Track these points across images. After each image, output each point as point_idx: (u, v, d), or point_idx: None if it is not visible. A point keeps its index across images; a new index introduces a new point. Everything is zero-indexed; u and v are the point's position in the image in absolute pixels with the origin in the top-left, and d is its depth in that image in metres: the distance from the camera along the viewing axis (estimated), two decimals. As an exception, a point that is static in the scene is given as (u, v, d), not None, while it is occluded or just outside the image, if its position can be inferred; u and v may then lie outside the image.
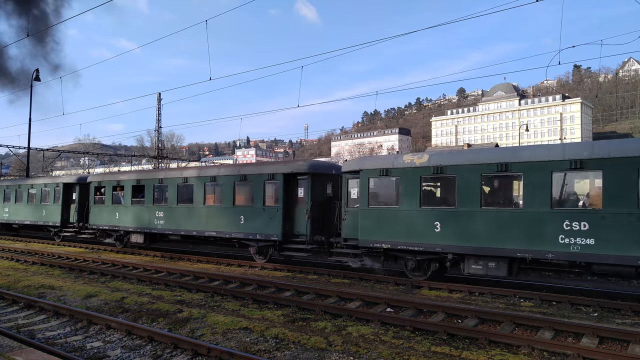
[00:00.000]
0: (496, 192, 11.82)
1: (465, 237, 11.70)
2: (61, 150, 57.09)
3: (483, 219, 11.48)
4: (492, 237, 11.35)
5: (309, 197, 15.11)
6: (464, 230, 11.71)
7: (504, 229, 11.17)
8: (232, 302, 10.48)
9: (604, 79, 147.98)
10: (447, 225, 11.98)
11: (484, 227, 11.44)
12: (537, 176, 10.81)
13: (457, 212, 11.83)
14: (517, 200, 11.39)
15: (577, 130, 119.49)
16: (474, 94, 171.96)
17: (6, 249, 21.37)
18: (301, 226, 15.35)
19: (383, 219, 13.06)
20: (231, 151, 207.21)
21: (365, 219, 13.33)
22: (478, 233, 11.53)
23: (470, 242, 11.61)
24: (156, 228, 18.97)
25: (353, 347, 7.18)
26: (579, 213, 10.36)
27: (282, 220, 15.27)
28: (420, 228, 12.34)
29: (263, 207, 15.82)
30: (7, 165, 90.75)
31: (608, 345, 7.47)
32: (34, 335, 8.21)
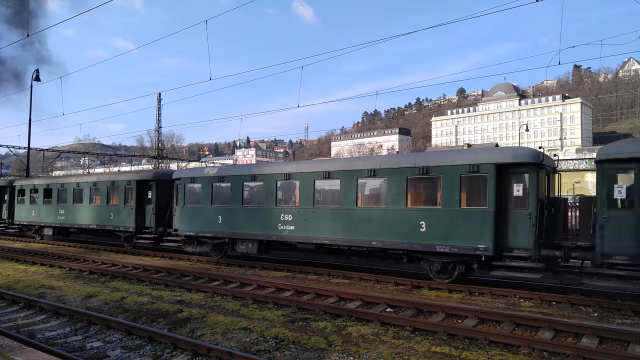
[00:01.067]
0: (251, 195, 16.44)
1: (235, 226, 16.33)
2: (61, 150, 57.14)
3: (244, 213, 16.18)
4: (249, 227, 15.97)
5: (154, 198, 19.65)
6: (234, 221, 16.38)
7: (255, 220, 15.84)
8: (232, 302, 10.49)
9: (604, 79, 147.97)
10: (225, 218, 16.65)
11: (244, 220, 16.10)
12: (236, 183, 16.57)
13: (230, 209, 16.53)
14: (260, 199, 15.91)
15: (577, 131, 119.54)
16: (474, 94, 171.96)
17: (6, 249, 21.37)
18: (150, 221, 19.92)
19: (193, 214, 17.59)
20: (231, 151, 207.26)
21: (182, 215, 17.93)
22: (241, 223, 16.15)
23: (237, 229, 16.28)
24: (59, 222, 24.29)
25: (353, 347, 7.18)
26: None
27: (135, 215, 20.07)
28: (211, 220, 16.95)
29: (124, 206, 20.66)
30: (7, 165, 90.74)
31: (608, 345, 7.47)
32: (34, 335, 8.21)
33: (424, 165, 12.46)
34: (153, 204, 19.60)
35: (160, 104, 53.74)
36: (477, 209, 11.54)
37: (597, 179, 10.52)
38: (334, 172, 14.05)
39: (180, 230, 17.87)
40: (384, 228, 12.83)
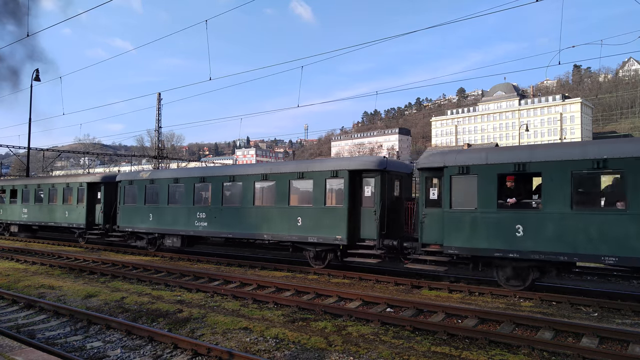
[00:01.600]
0: (175, 195, 18.53)
1: (162, 223, 18.84)
2: (61, 150, 57.11)
3: (169, 212, 18.57)
4: (173, 223, 18.44)
5: (103, 198, 22.05)
6: (162, 219, 18.84)
7: (178, 218, 18.25)
8: (232, 302, 10.49)
9: (604, 79, 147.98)
10: (155, 215, 19.10)
11: (170, 217, 18.57)
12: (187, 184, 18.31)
13: (159, 208, 18.95)
14: (182, 199, 18.24)
15: (577, 131, 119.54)
16: (474, 94, 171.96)
17: (6, 249, 21.38)
18: (99, 218, 22.27)
19: (131, 212, 19.97)
20: (231, 151, 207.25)
21: (123, 213, 20.28)
22: (168, 221, 18.65)
23: (164, 226, 18.76)
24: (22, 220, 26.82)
25: (353, 347, 7.18)
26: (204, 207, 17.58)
27: (86, 214, 22.37)
28: (144, 218, 19.41)
29: (77, 205, 22.80)
30: (7, 165, 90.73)
31: (608, 345, 7.47)
32: (34, 335, 8.21)
33: (301, 170, 14.98)
34: (101, 204, 22.24)
35: (160, 104, 53.73)
36: (336, 206, 14.10)
37: (419, 183, 12.87)
38: (237, 176, 16.70)
39: (121, 226, 20.52)
40: (273, 223, 15.43)
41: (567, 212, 10.18)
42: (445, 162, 12.03)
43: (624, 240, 9.58)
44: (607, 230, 9.77)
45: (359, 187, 14.06)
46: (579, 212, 10.13)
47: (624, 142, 10.71)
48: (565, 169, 10.22)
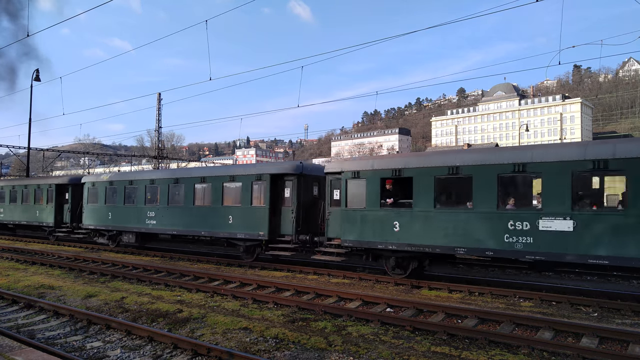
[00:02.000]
0: (130, 195, 20.49)
1: (119, 221, 20.73)
2: (61, 150, 57.10)
3: (125, 211, 20.51)
4: (129, 221, 20.27)
5: (70, 199, 24.12)
6: (119, 217, 20.72)
7: (132, 216, 20.09)
8: (232, 302, 10.49)
9: (604, 79, 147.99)
10: (113, 214, 20.98)
11: (126, 216, 20.46)
12: None
13: (116, 207, 20.83)
14: (136, 199, 20.13)
15: (577, 131, 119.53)
16: (474, 94, 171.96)
17: (6, 249, 21.38)
18: (67, 217, 24.16)
19: (93, 211, 21.95)
20: (231, 151, 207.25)
21: (87, 212, 22.24)
22: (124, 219, 20.53)
23: (121, 224, 20.64)
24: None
25: (353, 347, 7.18)
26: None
27: (54, 213, 24.28)
28: (104, 216, 21.40)
29: (46, 205, 24.83)
30: (7, 165, 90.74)
31: (608, 345, 7.47)
32: (34, 335, 8.21)
33: (231, 174, 17.14)
34: (69, 204, 24.19)
35: (160, 104, 53.73)
36: (260, 206, 15.94)
37: (326, 185, 14.68)
38: (180, 179, 18.70)
39: (86, 224, 22.37)
40: (209, 221, 17.31)
41: (431, 210, 12.12)
42: (343, 168, 14.05)
43: (471, 234, 11.54)
44: (459, 225, 11.72)
45: (280, 189, 15.88)
46: (440, 211, 12.09)
47: (470, 152, 13.85)
48: (430, 174, 12.27)
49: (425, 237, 12.16)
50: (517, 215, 10.89)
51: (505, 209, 11.11)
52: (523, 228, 10.81)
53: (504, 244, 11.02)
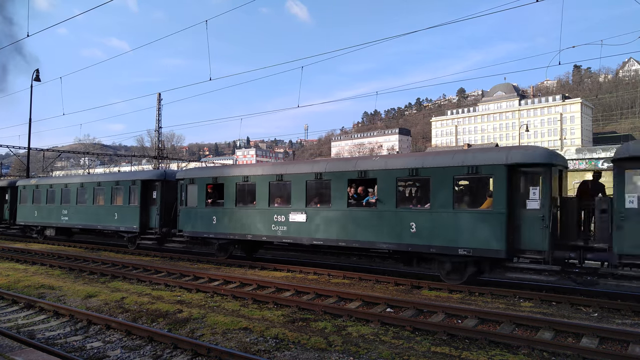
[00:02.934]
0: (50, 196, 24.82)
1: (42, 218, 25.23)
2: (61, 150, 57.11)
3: (47, 209, 24.92)
4: (49, 218, 24.82)
5: (9, 199, 28.32)
6: (42, 214, 25.26)
7: (52, 213, 24.59)
8: (232, 302, 10.49)
9: (604, 79, 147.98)
10: (38, 212, 25.49)
11: (47, 213, 24.97)
12: None
13: (40, 207, 25.42)
14: (54, 200, 24.57)
15: (577, 131, 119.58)
16: (474, 94, 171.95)
17: (6, 249, 21.38)
18: (7, 215, 28.70)
19: (24, 210, 26.49)
20: (231, 151, 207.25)
21: (20, 210, 26.88)
22: (45, 216, 25.05)
23: (44, 220, 25.16)
24: None
25: (353, 347, 7.18)
26: None
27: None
28: (31, 214, 25.93)
29: None
30: (7, 165, 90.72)
31: (608, 346, 7.47)
32: (34, 335, 8.22)
33: (117, 179, 21.56)
34: (8, 203, 28.18)
35: (160, 104, 53.74)
36: (131, 205, 20.22)
37: (178, 189, 18.64)
38: (85, 183, 23.28)
39: (19, 220, 26.89)
40: (103, 217, 21.74)
41: (234, 208, 16.41)
42: (184, 175, 18.56)
43: (255, 224, 15.73)
44: (249, 218, 15.96)
45: (150, 192, 19.83)
46: (240, 208, 16.25)
47: (302, 163, 17.66)
48: (233, 181, 16.59)
49: (231, 227, 16.41)
50: (278, 211, 15.12)
51: (269, 206, 15.43)
52: (280, 220, 15.06)
53: (271, 231, 15.26)
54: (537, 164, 11.06)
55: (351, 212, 13.63)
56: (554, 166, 11.13)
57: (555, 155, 11.79)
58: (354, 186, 14.01)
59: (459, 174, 11.83)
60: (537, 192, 10.94)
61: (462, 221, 11.65)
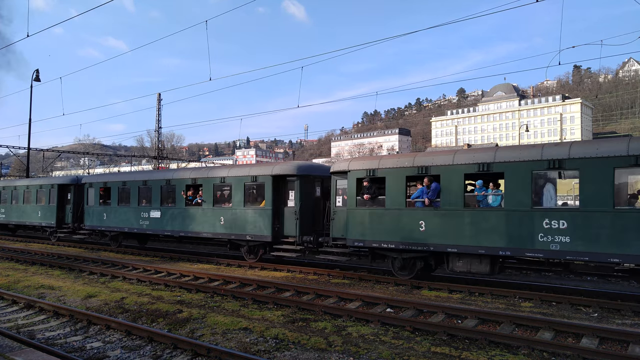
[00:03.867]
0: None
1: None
2: (61, 150, 57.10)
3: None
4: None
5: None
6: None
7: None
8: (232, 303, 10.48)
9: (604, 79, 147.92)
10: None
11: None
12: None
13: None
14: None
15: (577, 131, 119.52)
16: (474, 94, 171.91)
17: (6, 249, 21.38)
18: None
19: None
20: (231, 151, 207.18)
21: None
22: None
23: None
24: None
25: (353, 348, 7.18)
26: None
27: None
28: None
29: None
30: (7, 165, 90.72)
31: (608, 346, 7.47)
32: (34, 335, 8.21)
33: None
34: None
35: (160, 104, 53.74)
36: (48, 205, 24.45)
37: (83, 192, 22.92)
38: (17, 186, 27.31)
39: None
40: (28, 215, 25.86)
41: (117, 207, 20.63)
42: (86, 180, 22.69)
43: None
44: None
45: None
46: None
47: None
48: (116, 185, 20.75)
49: (115, 221, 20.98)
50: (145, 209, 19.29)
51: (139, 205, 19.68)
52: (150, 216, 19.06)
53: (138, 224, 19.76)
54: None
55: None
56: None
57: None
58: None
59: None
60: None
61: None
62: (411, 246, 12.20)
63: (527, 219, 10.51)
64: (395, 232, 12.50)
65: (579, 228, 9.93)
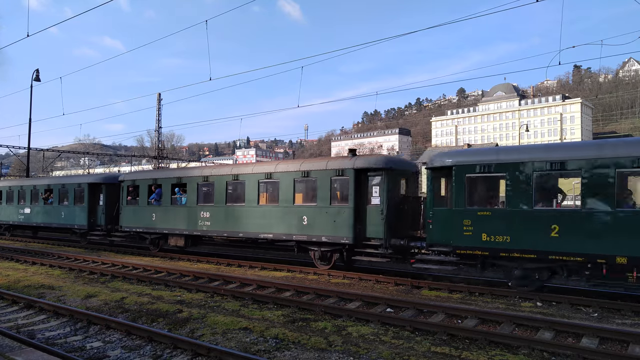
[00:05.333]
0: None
1: None
2: (61, 150, 57.10)
3: None
4: None
5: None
6: None
7: None
8: (232, 303, 10.48)
9: (604, 79, 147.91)
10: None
11: None
12: None
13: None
14: None
15: (577, 131, 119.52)
16: (474, 94, 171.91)
17: (6, 249, 21.38)
18: None
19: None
20: (231, 151, 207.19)
21: None
22: None
23: None
24: None
25: (353, 348, 7.18)
26: None
27: None
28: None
29: None
30: (7, 165, 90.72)
31: (608, 346, 7.47)
32: (34, 335, 8.21)
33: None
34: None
35: (160, 104, 53.75)
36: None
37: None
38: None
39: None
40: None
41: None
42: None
43: None
44: None
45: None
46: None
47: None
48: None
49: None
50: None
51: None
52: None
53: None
54: None
55: None
56: None
57: None
58: None
59: None
60: None
61: None
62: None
63: None
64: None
65: None
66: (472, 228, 11.34)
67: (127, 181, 20.48)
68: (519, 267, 11.10)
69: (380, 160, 13.93)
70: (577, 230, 10.17)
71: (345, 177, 13.88)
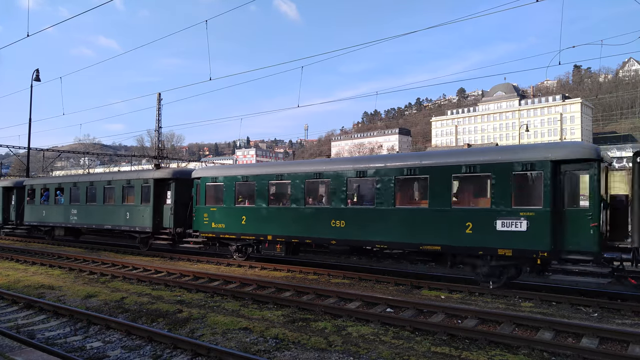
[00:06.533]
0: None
1: None
2: (61, 150, 57.11)
3: None
4: None
5: None
6: None
7: None
8: (232, 303, 10.48)
9: (604, 79, 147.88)
10: None
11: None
12: None
13: None
14: None
15: (577, 131, 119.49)
16: (474, 94, 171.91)
17: (6, 249, 21.38)
18: None
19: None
20: (231, 151, 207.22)
21: None
22: None
23: None
24: None
25: (353, 348, 7.18)
26: None
27: None
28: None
29: None
30: (7, 165, 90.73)
31: (608, 346, 7.47)
32: (34, 335, 8.22)
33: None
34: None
35: (160, 104, 53.76)
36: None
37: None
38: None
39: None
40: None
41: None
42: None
43: None
44: None
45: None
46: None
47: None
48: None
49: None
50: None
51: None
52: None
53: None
54: None
55: None
56: None
57: None
58: None
59: None
60: None
61: None
62: None
63: None
64: None
65: None
66: (208, 218, 16.86)
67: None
68: None
69: (170, 171, 19.72)
70: None
71: (147, 184, 19.30)
